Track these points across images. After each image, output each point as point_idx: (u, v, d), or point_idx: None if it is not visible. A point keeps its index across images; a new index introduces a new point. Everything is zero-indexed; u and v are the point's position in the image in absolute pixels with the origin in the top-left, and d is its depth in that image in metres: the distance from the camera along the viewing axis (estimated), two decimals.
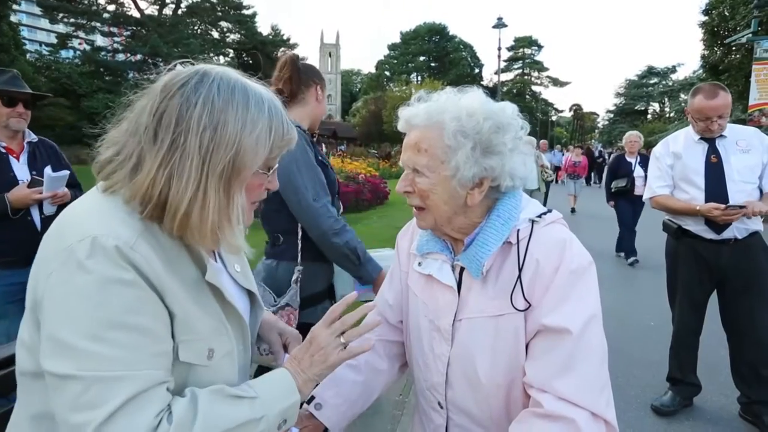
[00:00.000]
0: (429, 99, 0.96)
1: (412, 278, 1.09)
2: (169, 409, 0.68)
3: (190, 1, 37.56)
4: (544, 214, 0.95)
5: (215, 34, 40.01)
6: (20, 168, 2.35)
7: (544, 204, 1.21)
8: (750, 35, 12.23)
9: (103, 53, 35.04)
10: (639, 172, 6.05)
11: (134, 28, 35.19)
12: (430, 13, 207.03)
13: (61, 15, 32.67)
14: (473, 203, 0.93)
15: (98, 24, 34.40)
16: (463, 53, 70.00)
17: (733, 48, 19.30)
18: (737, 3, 19.03)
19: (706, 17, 21.61)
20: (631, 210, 6.32)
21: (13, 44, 24.22)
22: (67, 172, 2.41)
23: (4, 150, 2.31)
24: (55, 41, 36.09)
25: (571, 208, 11.17)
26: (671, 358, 2.87)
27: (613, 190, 6.39)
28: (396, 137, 32.59)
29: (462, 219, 0.96)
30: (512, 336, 0.90)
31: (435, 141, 0.91)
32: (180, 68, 0.77)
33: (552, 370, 0.85)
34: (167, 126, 0.71)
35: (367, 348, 0.89)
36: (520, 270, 0.89)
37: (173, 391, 0.72)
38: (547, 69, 73.09)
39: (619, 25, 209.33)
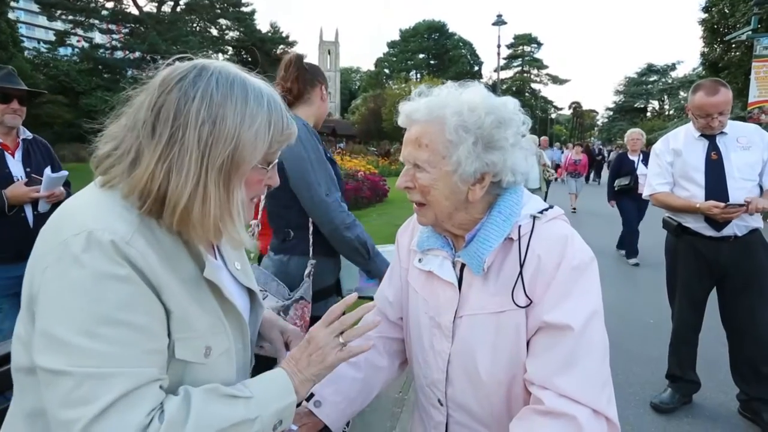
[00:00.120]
0: (430, 94, 0.95)
1: (413, 275, 1.08)
2: (161, 408, 0.67)
3: None
4: (546, 210, 0.95)
5: (214, 32, 39.91)
6: (15, 164, 2.36)
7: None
8: (750, 32, 12.23)
9: (101, 51, 34.87)
10: (642, 170, 5.96)
11: (133, 25, 35.05)
12: (429, 10, 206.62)
13: (59, 12, 32.50)
14: (474, 199, 0.92)
15: (96, 21, 34.27)
16: (463, 51, 69.84)
17: (733, 45, 19.27)
18: (737, 0, 19.00)
19: (706, 14, 21.58)
20: (635, 209, 6.25)
21: (10, 41, 24.08)
22: (65, 173, 2.43)
23: None
24: (53, 38, 35.90)
25: (572, 207, 11.00)
26: (670, 355, 2.88)
27: (616, 189, 6.32)
28: (395, 135, 32.60)
29: (463, 215, 0.95)
30: (513, 333, 0.89)
31: (436, 136, 0.90)
32: (178, 63, 0.76)
33: (553, 367, 0.84)
34: (165, 120, 0.70)
35: (366, 348, 0.88)
36: (522, 266, 0.89)
37: (169, 389, 0.71)
38: (546, 66, 72.88)
39: (619, 22, 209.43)
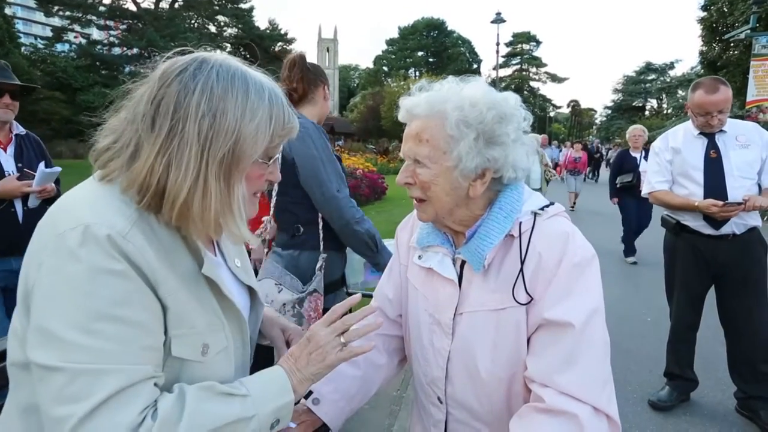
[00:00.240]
0: (430, 88, 0.94)
1: (412, 272, 1.08)
2: (155, 406, 0.66)
3: None
4: (547, 206, 0.94)
5: (212, 28, 39.73)
6: (7, 160, 2.35)
7: None
8: (748, 31, 12.25)
9: (99, 47, 34.72)
10: (645, 167, 5.87)
11: (130, 21, 34.88)
12: (428, 8, 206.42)
13: (56, 8, 32.30)
14: (475, 195, 0.92)
15: (94, 17, 34.07)
16: (462, 48, 69.76)
17: (732, 44, 19.28)
18: None
19: (705, 13, 21.56)
20: (636, 207, 6.16)
21: (7, 37, 23.92)
22: (59, 168, 2.42)
23: None
24: (50, 34, 35.74)
25: (571, 204, 10.91)
26: (669, 353, 2.88)
27: (618, 186, 6.25)
28: (394, 133, 32.54)
29: (463, 211, 0.94)
30: (514, 330, 0.89)
31: (437, 131, 0.89)
32: (179, 56, 0.75)
33: (554, 365, 0.84)
34: (165, 113, 0.69)
35: (368, 349, 0.87)
36: (522, 263, 0.88)
37: (165, 388, 0.70)
38: (545, 65, 73.06)
39: (618, 21, 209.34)
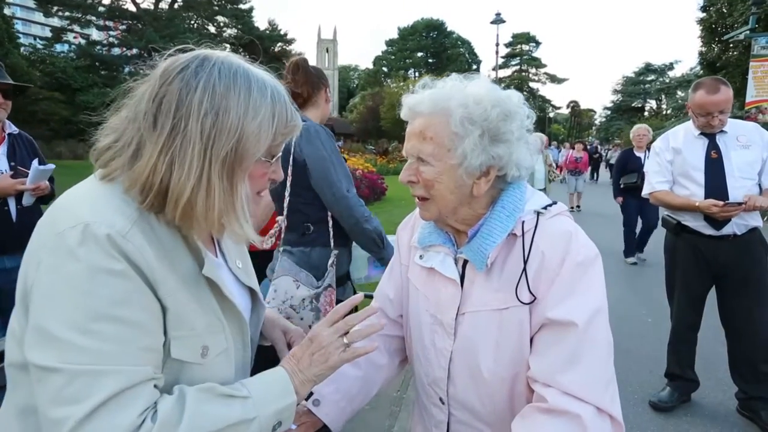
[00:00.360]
0: (434, 86, 0.93)
1: (413, 271, 1.07)
2: (154, 407, 0.65)
3: None
4: (549, 205, 0.94)
5: (212, 29, 39.68)
6: None
7: None
8: (748, 32, 12.26)
9: (98, 47, 34.70)
10: None
11: (130, 22, 34.83)
12: (428, 8, 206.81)
13: (55, 8, 32.25)
14: (479, 193, 0.91)
15: (93, 18, 34.04)
16: (461, 49, 69.78)
17: (731, 45, 19.30)
18: (735, 0, 19.02)
19: (704, 14, 21.61)
20: (641, 208, 6.10)
21: (6, 37, 23.90)
22: (52, 166, 2.41)
23: None
24: (49, 35, 35.71)
25: (573, 206, 10.79)
26: (669, 354, 2.88)
27: (622, 186, 6.20)
28: (393, 133, 32.53)
29: (466, 210, 0.94)
30: (516, 329, 0.88)
31: (441, 128, 0.88)
32: (180, 54, 0.75)
33: (557, 364, 0.83)
34: (167, 111, 0.69)
35: (371, 350, 0.87)
36: (526, 262, 0.88)
37: (164, 389, 0.69)
38: (544, 65, 72.86)
39: (617, 21, 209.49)
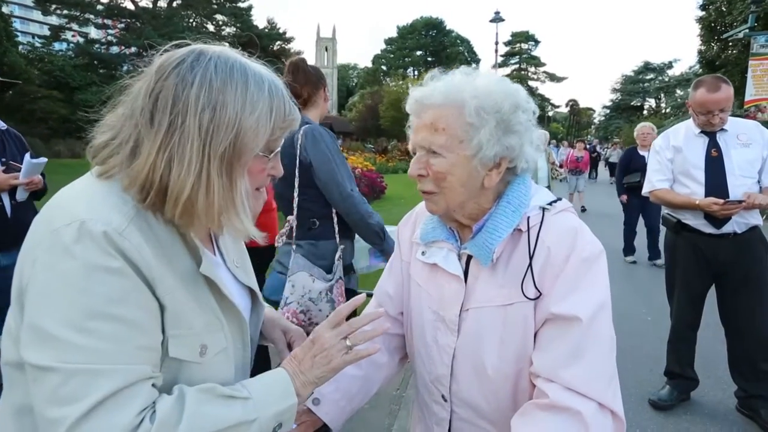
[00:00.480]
0: (442, 78, 0.93)
1: (415, 268, 1.06)
2: (153, 407, 0.64)
3: None
4: (554, 202, 0.94)
5: (210, 27, 39.57)
6: None
7: None
8: (747, 30, 12.25)
9: (96, 46, 34.63)
10: None
11: (128, 20, 34.74)
12: (427, 7, 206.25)
13: (54, 6, 32.16)
14: (490, 185, 0.91)
15: (92, 16, 33.98)
16: (460, 48, 69.78)
17: (730, 43, 19.31)
18: None
19: (704, 12, 21.59)
20: (640, 207, 6.06)
21: (4, 36, 23.79)
22: (45, 159, 2.39)
23: None
24: (48, 33, 35.64)
25: (581, 207, 10.69)
26: (669, 353, 2.88)
27: (625, 185, 6.15)
28: (392, 132, 32.52)
29: (473, 204, 0.93)
30: (521, 325, 0.88)
31: (454, 119, 0.88)
32: (175, 49, 0.74)
33: (559, 359, 0.83)
34: (164, 107, 0.68)
35: (373, 351, 0.86)
36: (531, 258, 0.87)
37: (163, 390, 0.68)
38: (544, 64, 73.01)
39: (616, 20, 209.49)
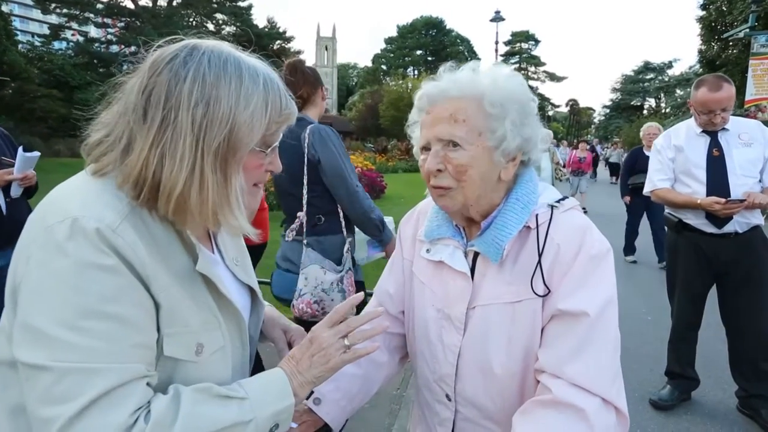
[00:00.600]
0: (457, 71, 0.92)
1: (419, 266, 1.05)
2: (148, 407, 0.63)
3: None
4: (562, 200, 0.94)
5: (210, 27, 39.55)
6: None
7: None
8: (747, 30, 12.23)
9: (96, 45, 34.62)
10: None
11: (128, 19, 34.73)
12: (427, 6, 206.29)
13: (53, 5, 32.14)
14: (507, 177, 0.92)
15: (92, 15, 33.97)
16: (460, 47, 69.78)
17: (731, 43, 19.27)
18: None
19: (704, 12, 21.53)
20: (645, 209, 6.01)
21: (4, 35, 23.77)
22: (38, 153, 2.39)
23: None
24: (47, 32, 35.61)
25: (582, 208, 10.74)
26: (670, 352, 2.87)
27: (630, 186, 6.10)
28: (392, 131, 32.50)
29: (487, 199, 0.93)
30: (530, 322, 0.87)
31: (473, 111, 0.87)
32: (169, 45, 0.73)
33: (564, 355, 0.82)
34: (156, 103, 0.67)
35: (372, 350, 0.85)
36: (541, 255, 0.87)
37: (157, 389, 0.67)
38: (544, 64, 72.89)
39: (616, 20, 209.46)
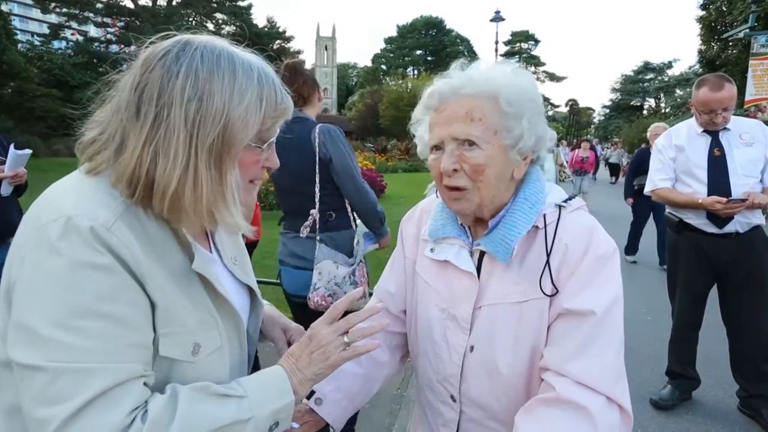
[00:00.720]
0: (469, 69, 0.92)
1: (422, 265, 1.05)
2: (145, 407, 0.63)
3: None
4: (568, 199, 0.94)
5: (210, 26, 39.52)
6: None
7: None
8: (747, 30, 12.23)
9: (96, 44, 34.58)
10: None
11: (128, 19, 34.71)
12: (427, 6, 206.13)
13: (53, 5, 32.15)
14: (519, 176, 0.92)
15: (91, 14, 33.96)
16: (460, 47, 69.75)
17: (730, 43, 19.27)
18: None
19: (704, 12, 21.54)
20: (650, 210, 5.97)
21: (3, 34, 23.74)
22: (29, 150, 2.39)
23: None
24: (47, 32, 35.59)
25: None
26: (670, 352, 2.87)
27: (636, 188, 6.06)
28: (392, 131, 32.51)
29: (499, 198, 0.92)
30: (537, 322, 0.87)
31: (488, 110, 0.86)
32: (162, 41, 0.73)
33: (569, 353, 0.82)
34: (149, 100, 0.66)
35: (372, 348, 0.85)
36: (549, 255, 0.87)
37: (154, 389, 0.67)
38: (543, 64, 72.87)
39: (616, 20, 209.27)
